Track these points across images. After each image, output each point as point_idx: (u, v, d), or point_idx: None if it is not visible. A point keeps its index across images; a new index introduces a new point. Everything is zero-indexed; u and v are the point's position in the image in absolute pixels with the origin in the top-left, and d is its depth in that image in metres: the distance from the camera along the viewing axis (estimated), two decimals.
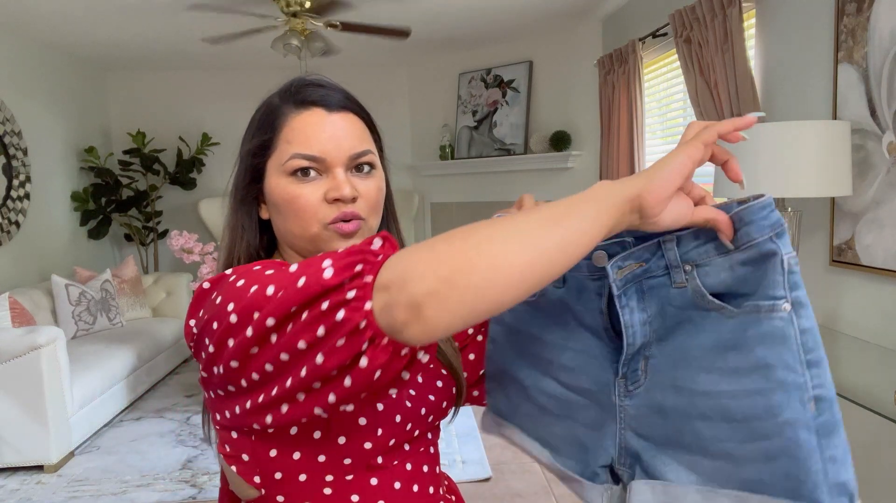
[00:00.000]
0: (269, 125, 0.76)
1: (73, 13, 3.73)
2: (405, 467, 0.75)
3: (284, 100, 0.77)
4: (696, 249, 0.61)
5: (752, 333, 0.56)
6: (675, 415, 0.61)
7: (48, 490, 2.79)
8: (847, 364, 1.87)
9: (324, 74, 0.80)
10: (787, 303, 0.56)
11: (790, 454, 0.54)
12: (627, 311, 0.63)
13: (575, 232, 0.53)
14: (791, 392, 0.54)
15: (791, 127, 1.87)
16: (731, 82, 2.51)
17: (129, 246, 5.49)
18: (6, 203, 3.88)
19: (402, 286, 0.50)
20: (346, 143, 0.74)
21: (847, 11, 2.01)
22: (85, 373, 3.26)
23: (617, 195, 0.55)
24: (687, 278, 0.61)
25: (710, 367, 0.59)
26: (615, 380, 0.66)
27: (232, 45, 3.82)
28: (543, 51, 4.76)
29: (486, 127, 5.02)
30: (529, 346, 0.74)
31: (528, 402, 0.74)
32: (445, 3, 3.82)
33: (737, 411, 0.57)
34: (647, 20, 3.55)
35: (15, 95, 4.08)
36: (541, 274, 0.51)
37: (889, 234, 1.87)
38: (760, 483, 0.55)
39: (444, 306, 0.49)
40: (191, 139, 5.43)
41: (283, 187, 0.74)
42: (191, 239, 3.57)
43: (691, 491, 0.60)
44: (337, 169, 0.73)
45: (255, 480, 0.71)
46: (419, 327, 0.50)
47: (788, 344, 0.55)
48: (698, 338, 0.60)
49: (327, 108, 0.75)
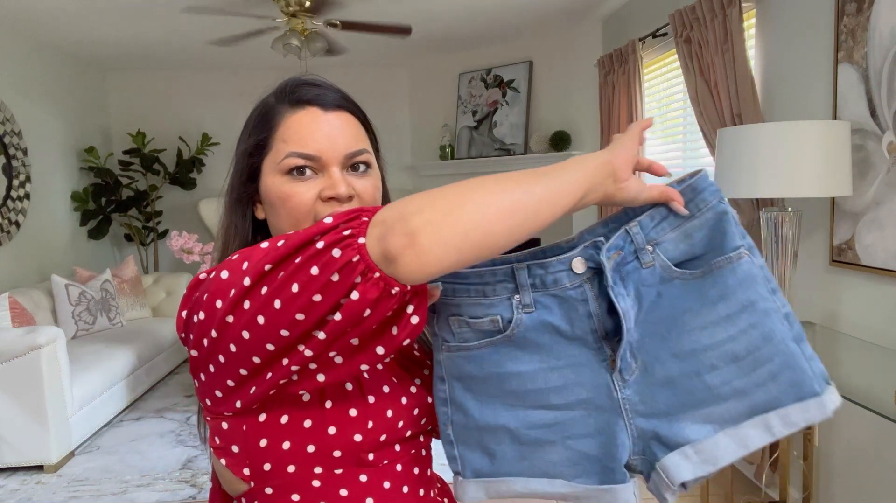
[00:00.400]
0: (265, 124, 0.77)
1: (73, 13, 3.73)
2: (395, 468, 0.75)
3: (280, 99, 0.77)
4: (654, 229, 0.69)
5: (732, 282, 0.66)
6: (683, 380, 0.66)
7: (48, 490, 2.79)
8: (847, 364, 1.87)
9: (320, 75, 0.80)
10: (745, 250, 0.67)
11: (788, 365, 0.64)
12: (621, 299, 0.67)
13: (555, 187, 0.60)
14: (772, 316, 0.65)
15: (791, 127, 1.87)
16: (731, 82, 2.51)
17: (129, 246, 5.49)
18: (6, 203, 3.88)
19: (398, 218, 0.54)
20: (342, 141, 0.74)
21: (847, 11, 2.01)
22: (85, 373, 3.26)
23: (590, 161, 0.64)
24: (653, 256, 0.69)
25: (704, 324, 0.66)
26: (612, 377, 0.68)
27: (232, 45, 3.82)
28: (543, 51, 4.76)
29: (486, 127, 5.02)
30: (502, 388, 0.70)
31: (518, 444, 0.70)
32: (445, 3, 3.82)
33: (740, 349, 0.65)
34: (647, 20, 3.55)
35: (15, 95, 4.08)
36: (528, 213, 0.57)
37: (889, 234, 1.88)
38: (774, 400, 0.64)
39: (439, 234, 0.53)
40: (191, 139, 5.43)
41: (279, 186, 0.74)
42: (190, 239, 3.57)
43: (720, 438, 0.65)
44: (332, 168, 0.74)
45: (245, 472, 0.71)
46: (413, 255, 0.53)
47: (757, 279, 0.66)
48: (680, 303, 0.67)
49: (323, 107, 0.75)
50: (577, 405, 0.69)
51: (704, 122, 2.71)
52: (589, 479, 0.69)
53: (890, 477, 1.91)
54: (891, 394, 1.49)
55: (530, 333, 0.68)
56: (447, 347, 0.71)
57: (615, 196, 0.66)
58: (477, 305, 0.69)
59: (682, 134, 3.39)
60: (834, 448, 2.16)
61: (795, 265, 2.04)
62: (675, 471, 0.65)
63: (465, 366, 0.70)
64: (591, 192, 0.64)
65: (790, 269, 2.03)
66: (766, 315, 0.65)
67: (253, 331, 0.60)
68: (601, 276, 0.67)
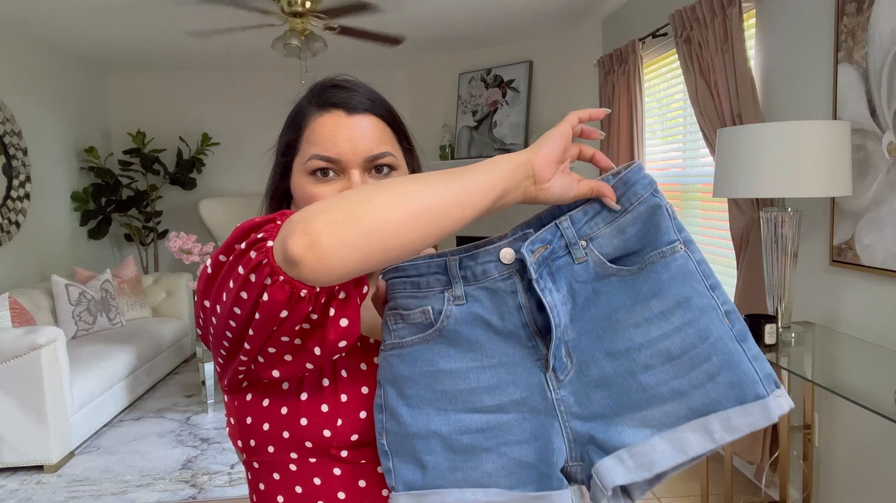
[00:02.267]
0: (295, 125, 0.80)
1: (74, 13, 3.73)
2: (375, 469, 0.74)
3: (310, 101, 0.80)
4: (586, 224, 0.67)
5: (665, 277, 0.64)
6: (618, 380, 0.64)
7: (48, 490, 2.79)
8: (847, 364, 1.87)
9: (351, 75, 0.82)
10: (680, 244, 0.64)
11: (728, 365, 0.61)
12: (548, 293, 0.65)
13: (469, 184, 0.59)
14: (710, 313, 0.62)
15: (791, 127, 1.87)
16: (731, 82, 2.51)
17: (129, 246, 5.49)
18: (6, 203, 3.88)
19: (300, 219, 0.55)
20: (363, 145, 0.77)
21: (847, 11, 2.01)
22: (85, 373, 3.26)
23: (509, 161, 0.63)
24: (586, 252, 0.67)
25: (638, 322, 0.64)
26: (545, 376, 0.65)
27: (232, 45, 3.82)
28: (543, 51, 4.76)
29: (486, 127, 5.02)
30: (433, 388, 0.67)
31: (450, 453, 0.66)
32: (445, 3, 3.82)
33: (674, 348, 0.62)
34: (647, 20, 3.55)
35: (15, 95, 4.08)
36: (436, 214, 0.57)
37: (889, 233, 1.88)
38: (713, 402, 0.61)
39: (340, 234, 0.53)
40: (191, 139, 5.43)
41: (303, 186, 0.77)
42: (189, 240, 3.57)
43: (656, 441, 0.61)
44: (353, 170, 0.76)
45: (238, 444, 0.76)
46: (314, 257, 0.53)
47: (694, 275, 0.64)
48: (615, 301, 0.65)
49: (347, 111, 0.77)
50: (510, 407, 0.66)
51: (704, 122, 2.72)
52: (526, 487, 0.65)
53: (890, 477, 1.91)
54: (891, 394, 1.49)
55: (462, 327, 0.66)
56: (383, 347, 0.69)
57: (538, 197, 0.64)
58: (411, 298, 0.67)
59: (682, 134, 3.39)
60: (834, 448, 2.16)
61: (795, 265, 2.04)
62: (608, 476, 0.62)
63: (399, 366, 0.68)
64: (510, 193, 0.63)
65: (790, 269, 2.03)
66: (702, 312, 0.62)
67: (216, 318, 0.65)
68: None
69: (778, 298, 2.05)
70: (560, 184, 0.65)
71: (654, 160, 3.69)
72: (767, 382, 0.61)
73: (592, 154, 0.70)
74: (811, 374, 1.78)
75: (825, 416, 2.19)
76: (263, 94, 5.57)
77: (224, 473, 2.91)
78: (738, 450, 2.51)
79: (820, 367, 1.86)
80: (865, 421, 2.00)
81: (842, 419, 2.11)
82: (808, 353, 1.93)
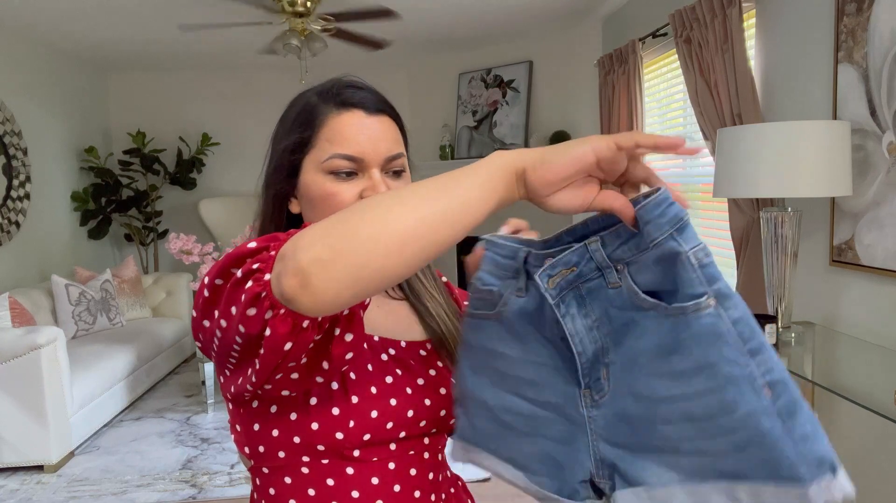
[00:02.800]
0: (308, 123, 0.78)
1: (74, 13, 3.73)
2: (388, 466, 0.75)
3: (325, 99, 0.79)
4: (621, 247, 0.58)
5: (685, 335, 0.55)
6: (639, 422, 0.60)
7: (48, 490, 2.79)
8: (847, 364, 1.87)
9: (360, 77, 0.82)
10: (710, 299, 0.54)
11: (758, 443, 0.54)
12: (569, 320, 0.62)
13: (459, 201, 0.54)
14: (741, 385, 0.54)
15: (791, 127, 1.87)
16: (731, 82, 2.51)
17: (129, 246, 5.49)
18: (6, 203, 3.88)
19: (291, 255, 0.53)
20: (383, 145, 0.77)
21: (847, 11, 2.01)
22: (85, 373, 3.26)
23: (506, 167, 0.57)
24: (620, 277, 0.59)
25: (659, 373, 0.58)
26: (580, 392, 0.64)
27: (232, 45, 3.82)
28: (543, 51, 4.76)
29: (486, 127, 5.02)
30: (491, 363, 0.69)
31: (494, 423, 0.69)
32: (446, 3, 3.82)
33: (696, 412, 0.56)
34: (647, 20, 3.55)
35: (15, 95, 4.08)
36: (425, 241, 0.53)
37: (889, 233, 1.87)
38: (741, 471, 0.55)
39: (329, 273, 0.51)
40: (191, 139, 5.43)
41: (320, 184, 0.76)
42: (189, 240, 3.57)
43: (678, 491, 0.58)
44: (373, 169, 0.76)
45: (245, 450, 0.76)
46: (308, 296, 0.52)
47: (724, 338, 0.54)
48: (643, 341, 0.59)
49: (366, 111, 0.77)
50: (548, 406, 0.66)
51: (704, 122, 2.71)
52: (548, 482, 0.67)
53: (890, 477, 1.91)
54: (891, 394, 1.49)
55: (516, 318, 0.66)
56: (465, 310, 0.72)
57: (534, 203, 0.59)
58: (490, 274, 0.68)
59: (682, 134, 3.39)
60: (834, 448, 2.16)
61: (795, 265, 2.04)
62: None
63: (468, 332, 0.71)
64: (506, 202, 0.58)
65: (790, 269, 2.03)
66: (729, 381, 0.54)
67: (219, 340, 0.65)
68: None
69: (778, 298, 2.05)
70: (563, 199, 0.58)
71: (654, 160, 3.69)
72: (815, 466, 0.54)
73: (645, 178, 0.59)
74: (811, 374, 1.78)
75: (825, 416, 2.19)
76: (263, 94, 5.56)
77: (224, 473, 2.91)
78: None
79: (820, 367, 1.86)
80: (865, 421, 2.00)
81: (842, 419, 2.11)
82: (808, 353, 1.93)
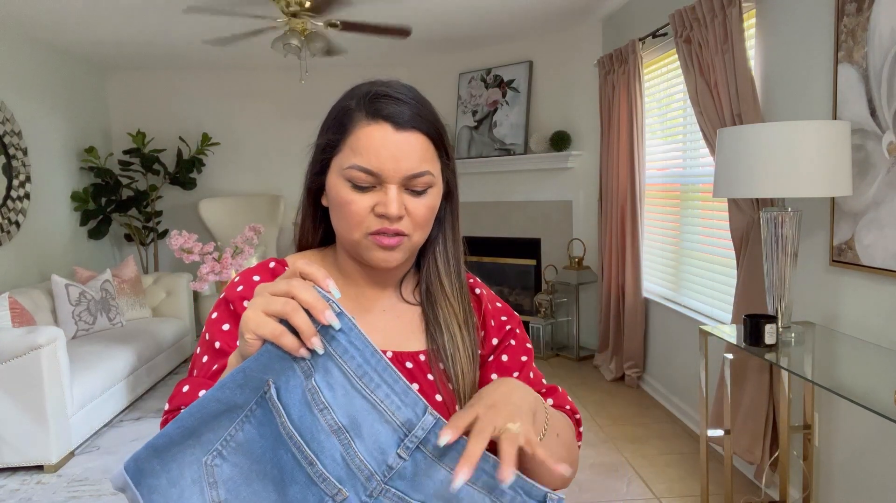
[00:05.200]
0: (340, 126, 0.78)
1: (74, 13, 3.73)
2: None
3: (359, 105, 0.78)
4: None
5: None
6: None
7: (48, 490, 2.79)
8: (847, 364, 1.87)
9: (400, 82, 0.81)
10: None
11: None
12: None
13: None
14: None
15: (791, 127, 1.87)
16: (731, 82, 2.51)
17: (129, 246, 5.49)
18: (6, 203, 3.88)
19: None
20: (406, 164, 0.75)
21: (847, 11, 2.01)
22: (85, 373, 3.26)
23: None
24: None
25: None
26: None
27: (232, 44, 3.82)
28: (543, 51, 4.76)
29: (486, 127, 5.02)
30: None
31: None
32: (445, 3, 3.82)
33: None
34: (647, 20, 3.55)
35: (15, 95, 4.08)
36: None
37: (889, 233, 1.87)
38: None
39: None
40: (191, 139, 5.43)
41: (339, 189, 0.77)
42: (190, 239, 3.57)
43: None
44: (390, 185, 0.75)
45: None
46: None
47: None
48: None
49: (396, 126, 0.76)
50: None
51: (704, 122, 2.72)
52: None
53: (890, 477, 1.91)
54: (891, 394, 1.49)
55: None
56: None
57: None
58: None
59: (682, 134, 3.39)
60: (834, 448, 2.16)
61: (795, 265, 2.04)
62: None
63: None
64: None
65: (790, 269, 2.03)
66: None
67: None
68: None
69: (778, 298, 2.05)
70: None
71: (654, 160, 3.69)
72: None
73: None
74: (811, 374, 1.78)
75: (825, 416, 2.19)
76: (263, 94, 5.57)
77: None
78: (738, 450, 2.51)
79: (820, 367, 1.86)
80: (865, 421, 2.00)
81: (842, 419, 2.11)
82: (808, 353, 1.93)
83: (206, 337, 0.77)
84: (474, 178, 5.20)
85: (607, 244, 4.00)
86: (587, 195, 4.55)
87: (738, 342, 2.01)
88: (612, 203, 3.90)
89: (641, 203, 3.67)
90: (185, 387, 0.72)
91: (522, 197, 4.95)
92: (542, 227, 4.87)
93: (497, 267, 5.22)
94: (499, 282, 5.27)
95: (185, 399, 0.72)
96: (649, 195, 3.73)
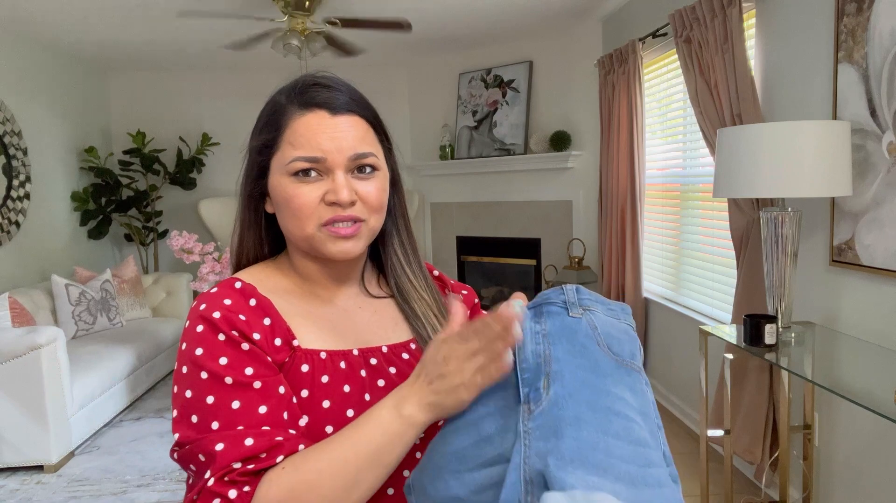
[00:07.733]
0: (274, 124, 0.77)
1: (74, 13, 3.73)
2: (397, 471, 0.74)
3: (290, 99, 0.77)
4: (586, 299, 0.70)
5: (627, 380, 0.65)
6: (590, 429, 0.60)
7: (48, 490, 2.79)
8: (847, 364, 1.87)
9: (331, 72, 0.80)
10: (644, 375, 0.67)
11: (669, 486, 0.60)
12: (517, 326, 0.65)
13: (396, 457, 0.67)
14: (654, 438, 0.63)
15: (791, 127, 1.87)
16: (731, 82, 2.51)
17: (129, 246, 5.49)
18: (6, 203, 3.88)
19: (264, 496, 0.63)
20: (347, 145, 0.74)
21: (847, 11, 2.01)
22: (85, 373, 3.26)
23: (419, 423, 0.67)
24: (581, 313, 0.68)
25: (619, 395, 0.63)
26: (520, 409, 0.63)
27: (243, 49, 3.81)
28: (543, 51, 4.76)
29: (486, 127, 5.02)
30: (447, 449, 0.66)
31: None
32: (445, 3, 3.82)
33: (638, 435, 0.61)
34: (647, 20, 3.55)
35: (15, 95, 4.08)
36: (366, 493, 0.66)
37: (889, 233, 1.87)
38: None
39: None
40: (191, 139, 5.43)
41: (284, 187, 0.75)
42: (191, 239, 3.57)
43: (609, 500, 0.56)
44: (337, 171, 0.74)
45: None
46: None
47: (648, 403, 0.66)
48: (602, 364, 0.65)
49: (331, 111, 0.75)
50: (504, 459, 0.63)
51: (704, 122, 2.72)
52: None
53: (890, 477, 1.91)
54: (891, 394, 1.49)
55: None
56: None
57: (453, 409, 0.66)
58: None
59: (682, 134, 3.39)
60: (834, 448, 2.16)
61: (795, 265, 2.04)
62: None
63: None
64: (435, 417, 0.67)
65: (790, 269, 2.03)
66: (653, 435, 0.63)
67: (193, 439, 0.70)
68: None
69: (778, 298, 2.05)
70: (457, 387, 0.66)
71: (654, 160, 3.69)
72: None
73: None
74: (811, 374, 1.78)
75: (825, 416, 2.19)
76: (263, 94, 5.49)
77: None
78: (738, 450, 2.51)
79: (820, 367, 1.86)
80: (865, 421, 2.00)
81: (842, 419, 2.11)
82: (808, 353, 1.93)
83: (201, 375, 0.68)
84: (474, 178, 5.20)
85: (607, 244, 4.00)
86: (587, 195, 4.55)
87: (738, 342, 2.01)
88: (612, 203, 3.90)
89: (641, 203, 3.67)
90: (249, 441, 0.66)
91: (522, 197, 4.95)
92: (542, 227, 4.87)
93: (497, 267, 5.22)
94: (499, 282, 5.27)
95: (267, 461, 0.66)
96: (649, 195, 3.73)
